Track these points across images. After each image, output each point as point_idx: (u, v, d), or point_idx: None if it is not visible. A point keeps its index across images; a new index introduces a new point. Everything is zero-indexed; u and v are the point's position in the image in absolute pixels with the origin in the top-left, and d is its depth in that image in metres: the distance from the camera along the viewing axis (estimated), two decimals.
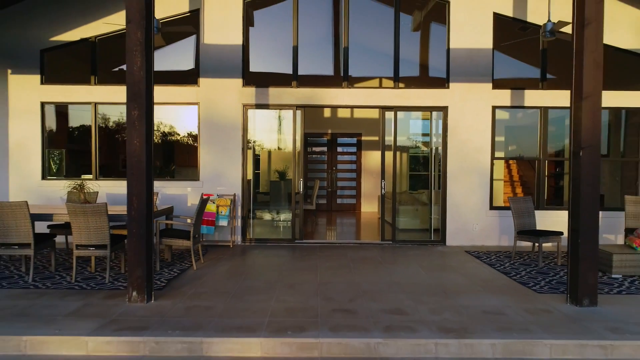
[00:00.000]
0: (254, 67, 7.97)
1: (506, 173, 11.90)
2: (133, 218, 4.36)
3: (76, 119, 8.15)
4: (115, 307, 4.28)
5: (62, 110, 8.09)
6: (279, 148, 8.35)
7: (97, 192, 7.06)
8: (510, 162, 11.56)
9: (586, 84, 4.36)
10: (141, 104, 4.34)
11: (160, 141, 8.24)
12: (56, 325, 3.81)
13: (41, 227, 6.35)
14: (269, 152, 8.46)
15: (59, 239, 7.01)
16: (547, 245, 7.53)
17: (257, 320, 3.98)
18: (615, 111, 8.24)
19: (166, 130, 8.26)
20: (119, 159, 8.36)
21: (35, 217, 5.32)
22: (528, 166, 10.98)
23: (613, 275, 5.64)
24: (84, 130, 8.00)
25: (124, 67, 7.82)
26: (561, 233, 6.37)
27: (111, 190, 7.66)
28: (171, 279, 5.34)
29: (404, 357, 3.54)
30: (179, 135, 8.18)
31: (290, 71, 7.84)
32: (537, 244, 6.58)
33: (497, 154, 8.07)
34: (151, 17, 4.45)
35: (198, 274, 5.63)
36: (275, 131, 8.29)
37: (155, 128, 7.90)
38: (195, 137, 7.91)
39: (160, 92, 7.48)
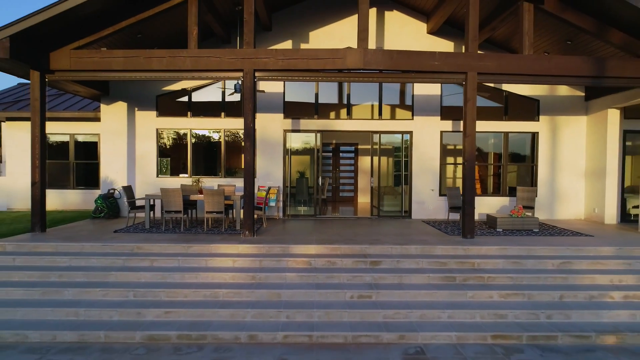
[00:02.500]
0: (290, 106, 12.47)
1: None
2: (246, 195, 8.88)
3: (177, 139, 12.65)
4: (237, 239, 8.79)
5: (169, 133, 12.61)
6: (304, 156, 12.86)
7: (200, 184, 11.57)
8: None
9: (467, 129, 8.92)
10: (251, 139, 8.87)
11: (234, 152, 12.79)
12: (216, 243, 8.31)
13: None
14: (299, 160, 12.96)
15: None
16: None
17: (309, 241, 8.51)
18: (519, 135, 12.82)
19: (237, 145, 12.77)
20: (205, 164, 12.86)
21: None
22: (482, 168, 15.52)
23: (497, 229, 10.21)
24: (182, 146, 12.52)
25: (207, 99, 12.28)
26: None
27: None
28: (256, 230, 9.87)
29: (377, 253, 8.08)
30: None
31: (312, 108, 12.39)
32: (460, 214, 11.12)
33: (448, 160, 12.65)
34: (256, 94, 8.98)
35: (268, 229, 10.17)
36: (302, 146, 12.81)
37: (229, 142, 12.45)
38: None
39: (233, 122, 12.03)
